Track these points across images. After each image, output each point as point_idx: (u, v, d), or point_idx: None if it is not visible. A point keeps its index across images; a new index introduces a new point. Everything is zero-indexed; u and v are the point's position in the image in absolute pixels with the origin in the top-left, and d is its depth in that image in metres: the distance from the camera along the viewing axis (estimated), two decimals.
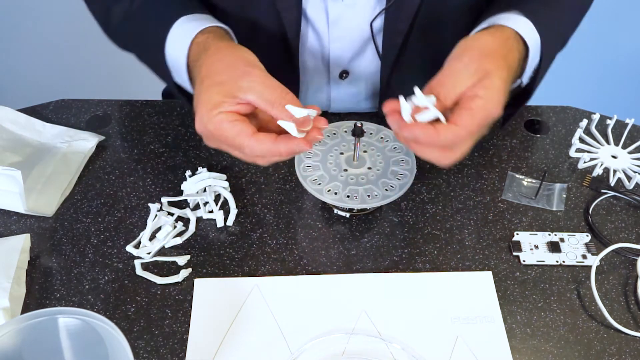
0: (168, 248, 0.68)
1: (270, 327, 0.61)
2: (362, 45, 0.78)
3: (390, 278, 0.65)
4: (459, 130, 0.56)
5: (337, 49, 0.78)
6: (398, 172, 0.69)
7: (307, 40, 0.78)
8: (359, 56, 0.79)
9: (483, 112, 0.57)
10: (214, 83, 0.59)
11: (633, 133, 0.82)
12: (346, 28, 0.76)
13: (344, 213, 0.70)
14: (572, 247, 0.68)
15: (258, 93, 0.57)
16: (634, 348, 0.60)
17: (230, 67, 0.59)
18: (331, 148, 0.71)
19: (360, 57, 0.79)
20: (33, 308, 0.62)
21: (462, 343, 0.60)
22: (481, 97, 0.57)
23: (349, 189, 0.67)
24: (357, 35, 0.77)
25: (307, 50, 0.79)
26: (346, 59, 0.79)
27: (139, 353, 0.59)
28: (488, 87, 0.57)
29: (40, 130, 0.79)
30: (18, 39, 1.74)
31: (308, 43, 0.78)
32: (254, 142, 0.57)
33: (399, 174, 0.68)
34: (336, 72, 0.81)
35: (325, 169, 0.69)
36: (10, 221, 0.70)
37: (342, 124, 0.74)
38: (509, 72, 0.60)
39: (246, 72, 0.58)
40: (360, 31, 0.76)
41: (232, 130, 0.57)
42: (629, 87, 1.82)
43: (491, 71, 0.58)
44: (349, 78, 0.82)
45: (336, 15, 0.75)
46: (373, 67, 0.81)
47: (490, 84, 0.57)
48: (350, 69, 0.81)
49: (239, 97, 0.57)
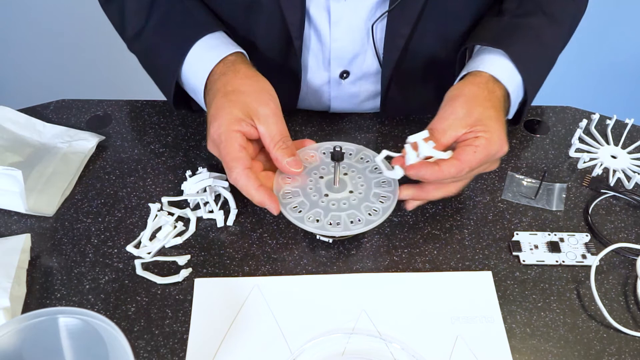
0: (168, 248, 0.68)
1: (270, 327, 0.61)
2: (363, 46, 0.78)
3: (390, 278, 0.65)
4: (461, 165, 0.62)
5: (338, 49, 0.78)
6: (380, 195, 0.66)
7: (309, 40, 0.78)
8: (360, 57, 0.79)
9: (485, 149, 0.63)
10: (240, 101, 0.65)
11: (633, 133, 0.82)
12: (348, 28, 0.76)
13: (326, 239, 0.68)
14: (571, 247, 0.68)
15: (269, 128, 0.65)
16: (633, 348, 0.60)
17: (256, 93, 0.66)
18: (310, 172, 0.68)
19: (361, 57, 0.80)
20: (33, 308, 0.62)
21: (462, 343, 0.60)
22: (483, 136, 0.63)
23: (331, 215, 0.64)
24: (358, 36, 0.77)
25: (308, 50, 0.79)
26: (347, 59, 0.80)
27: (139, 353, 0.59)
28: (488, 128, 0.64)
29: (41, 130, 0.79)
30: (18, 38, 1.74)
31: (310, 43, 0.78)
32: (243, 175, 0.63)
33: (381, 197, 0.66)
34: (337, 72, 0.81)
35: (305, 195, 0.66)
36: (10, 221, 0.70)
37: (320, 145, 0.71)
38: (495, 111, 0.66)
39: (266, 103, 0.66)
40: (361, 32, 0.77)
41: (236, 153, 0.63)
42: (629, 87, 1.82)
43: (480, 113, 0.65)
44: (350, 79, 0.82)
45: (338, 16, 0.75)
46: (374, 68, 0.81)
47: (489, 125, 0.64)
48: (350, 70, 0.81)
49: (255, 122, 0.65)
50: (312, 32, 0.77)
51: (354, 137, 0.80)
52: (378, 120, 0.83)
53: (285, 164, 0.65)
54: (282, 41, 0.77)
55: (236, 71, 0.69)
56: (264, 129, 0.65)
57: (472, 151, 0.63)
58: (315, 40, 0.78)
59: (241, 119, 0.64)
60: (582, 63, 1.71)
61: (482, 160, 0.64)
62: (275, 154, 0.65)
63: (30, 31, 1.72)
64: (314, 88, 0.83)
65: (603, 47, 1.72)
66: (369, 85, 0.83)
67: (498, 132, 0.64)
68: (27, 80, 1.77)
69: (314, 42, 0.78)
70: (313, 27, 0.77)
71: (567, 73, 1.60)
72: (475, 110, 0.65)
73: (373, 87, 0.83)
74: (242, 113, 0.65)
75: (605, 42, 1.71)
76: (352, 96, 0.84)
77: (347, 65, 0.80)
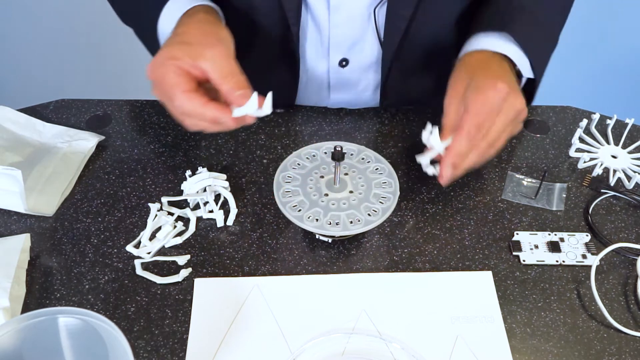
0: (168, 248, 0.68)
1: (270, 327, 0.61)
2: (362, 32, 0.78)
3: (390, 278, 0.65)
4: (470, 116, 0.62)
5: (338, 35, 0.78)
6: (380, 196, 0.66)
7: (307, 26, 0.77)
8: (359, 43, 0.79)
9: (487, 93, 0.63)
10: (182, 41, 0.62)
11: (633, 133, 0.82)
12: (347, 14, 0.76)
13: (326, 239, 0.68)
14: (572, 246, 0.68)
15: (216, 65, 0.60)
16: (634, 348, 0.60)
17: (203, 35, 0.63)
18: (311, 171, 0.68)
19: (361, 44, 0.79)
20: (33, 308, 0.62)
21: (462, 343, 0.60)
22: (482, 83, 0.63)
23: (331, 214, 0.64)
24: (358, 22, 0.77)
25: (306, 37, 0.79)
26: (346, 47, 0.79)
27: (139, 353, 0.59)
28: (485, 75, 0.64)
29: (41, 130, 0.79)
30: (18, 38, 1.74)
31: (308, 30, 0.78)
32: (184, 98, 0.59)
33: (381, 197, 0.66)
34: (336, 59, 0.80)
35: (305, 194, 0.66)
36: (10, 221, 0.70)
37: (321, 145, 0.71)
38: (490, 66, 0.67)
39: (213, 45, 0.61)
40: (361, 18, 0.76)
41: (172, 79, 0.59)
42: (629, 87, 1.82)
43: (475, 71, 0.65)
44: (349, 67, 0.81)
45: (338, 1, 0.75)
46: (374, 55, 0.81)
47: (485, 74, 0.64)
48: (350, 57, 0.80)
49: (197, 62, 0.60)
50: (310, 19, 0.77)
51: (354, 137, 0.80)
52: (378, 120, 0.83)
53: (237, 97, 0.60)
54: (279, 28, 0.76)
55: (192, 16, 0.66)
56: (210, 65, 0.60)
57: (476, 99, 0.63)
58: (312, 27, 0.78)
59: (179, 57, 0.60)
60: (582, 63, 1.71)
61: (492, 106, 0.63)
62: (226, 87, 0.60)
63: (30, 31, 1.72)
64: (313, 77, 0.83)
65: (603, 47, 1.72)
66: (369, 73, 0.83)
67: (496, 77, 0.64)
68: (27, 80, 1.77)
69: (311, 28, 0.78)
70: (310, 13, 0.76)
71: (567, 73, 1.60)
72: (471, 71, 0.66)
73: (372, 76, 0.83)
74: (182, 52, 0.60)
75: (605, 42, 1.71)
76: (351, 85, 0.83)
77: (347, 52, 0.80)
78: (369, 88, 0.85)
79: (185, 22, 0.65)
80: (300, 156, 0.70)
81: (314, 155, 0.70)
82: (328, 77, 0.82)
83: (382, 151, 0.77)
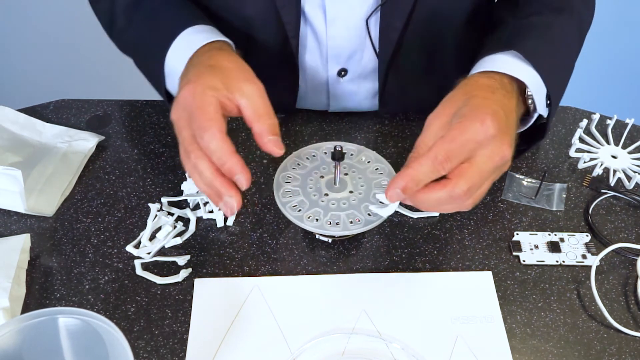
0: (168, 248, 0.68)
1: (270, 327, 0.61)
2: (359, 43, 0.78)
3: (390, 278, 0.65)
4: (430, 153, 0.54)
5: (335, 47, 0.78)
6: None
7: (305, 39, 0.78)
8: (357, 54, 0.80)
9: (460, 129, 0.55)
10: (221, 72, 0.59)
11: (633, 133, 0.82)
12: (344, 25, 0.76)
13: (326, 239, 0.68)
14: (572, 247, 0.68)
15: (252, 102, 0.58)
16: (634, 348, 0.60)
17: (239, 70, 0.60)
18: (311, 171, 0.68)
19: (358, 55, 0.80)
20: (33, 308, 0.62)
21: (462, 343, 0.60)
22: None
23: (330, 214, 0.64)
24: (354, 33, 0.77)
25: (305, 49, 0.79)
26: (344, 57, 0.80)
27: (139, 353, 0.59)
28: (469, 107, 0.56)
29: (41, 130, 0.79)
30: (18, 39, 1.74)
31: (306, 42, 0.78)
32: (218, 138, 0.55)
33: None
34: (334, 70, 0.81)
35: (305, 194, 0.66)
36: (10, 221, 0.70)
37: (321, 145, 0.71)
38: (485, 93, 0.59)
39: (252, 81, 0.59)
40: (357, 29, 0.77)
41: (211, 114, 0.56)
42: (629, 87, 1.82)
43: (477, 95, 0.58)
44: (348, 76, 0.82)
45: (334, 14, 0.75)
46: (371, 65, 0.81)
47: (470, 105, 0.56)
48: (348, 67, 0.81)
49: (234, 95, 0.58)
50: (309, 31, 0.77)
51: (354, 137, 0.80)
52: (378, 120, 0.83)
53: (268, 141, 0.57)
54: (278, 41, 0.77)
55: (221, 49, 0.64)
56: (246, 101, 0.57)
57: (457, 126, 0.55)
58: (312, 39, 0.78)
59: (218, 88, 0.57)
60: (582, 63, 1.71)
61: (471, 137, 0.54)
62: (259, 127, 0.57)
63: (30, 31, 1.72)
64: (312, 87, 0.83)
65: (603, 47, 1.72)
66: (367, 82, 0.83)
67: (490, 112, 0.55)
68: (27, 80, 1.77)
69: (310, 40, 0.78)
70: (309, 26, 0.77)
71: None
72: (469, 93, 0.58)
73: (371, 85, 0.84)
74: (222, 84, 0.58)
75: (605, 42, 1.71)
76: (350, 94, 0.84)
77: (345, 63, 0.80)
78: (368, 97, 0.85)
79: (216, 56, 0.62)
80: (300, 156, 0.70)
81: (314, 156, 0.70)
82: (327, 87, 0.83)
83: (382, 151, 0.77)
